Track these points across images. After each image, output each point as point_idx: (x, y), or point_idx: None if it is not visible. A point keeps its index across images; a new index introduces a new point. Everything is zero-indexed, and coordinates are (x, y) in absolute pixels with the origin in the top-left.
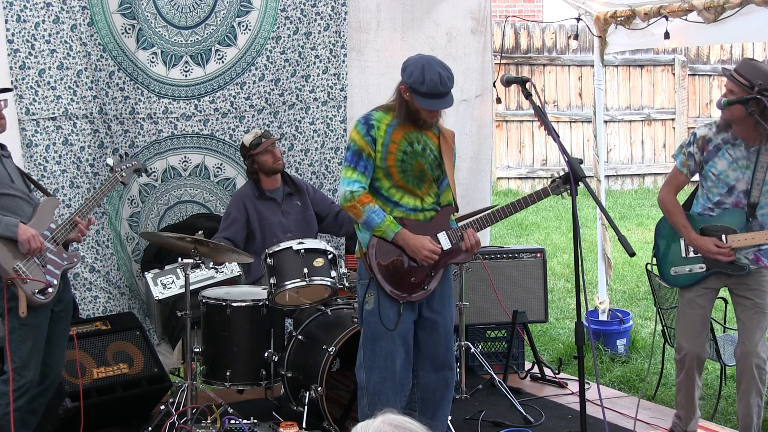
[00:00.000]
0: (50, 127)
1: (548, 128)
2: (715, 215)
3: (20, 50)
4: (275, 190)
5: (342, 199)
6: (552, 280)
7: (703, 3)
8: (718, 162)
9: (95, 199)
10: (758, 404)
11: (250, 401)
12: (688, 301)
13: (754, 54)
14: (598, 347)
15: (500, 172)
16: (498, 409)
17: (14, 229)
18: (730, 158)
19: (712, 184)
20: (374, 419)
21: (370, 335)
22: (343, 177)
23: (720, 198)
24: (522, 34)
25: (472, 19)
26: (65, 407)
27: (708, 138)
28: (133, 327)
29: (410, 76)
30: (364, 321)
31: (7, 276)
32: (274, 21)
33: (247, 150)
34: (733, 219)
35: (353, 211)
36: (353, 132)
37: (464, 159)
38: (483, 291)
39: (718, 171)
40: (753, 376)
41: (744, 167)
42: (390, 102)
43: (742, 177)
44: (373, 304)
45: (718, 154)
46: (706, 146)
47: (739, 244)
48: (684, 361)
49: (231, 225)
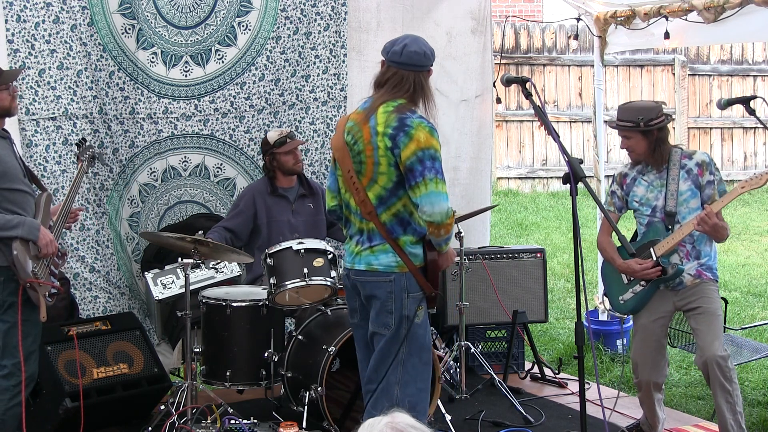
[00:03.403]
0: (50, 127)
1: (548, 128)
2: (643, 234)
3: (20, 50)
4: (289, 189)
5: (444, 215)
6: (552, 280)
7: (703, 3)
8: (637, 190)
9: (72, 194)
10: (727, 400)
11: (250, 401)
12: (640, 327)
13: (754, 54)
14: (598, 347)
15: (500, 172)
16: (498, 409)
17: (37, 233)
18: (646, 183)
19: (639, 212)
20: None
21: (417, 348)
22: (437, 191)
23: (648, 219)
24: (522, 34)
25: (472, 19)
26: (65, 407)
27: (624, 173)
28: (133, 327)
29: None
30: (411, 335)
31: (27, 279)
32: (274, 21)
33: (270, 147)
34: (655, 232)
35: (448, 228)
36: (433, 140)
37: (464, 159)
38: (483, 291)
39: (639, 197)
40: (716, 376)
41: (659, 186)
42: (402, 98)
43: (660, 195)
44: (422, 317)
45: (636, 183)
46: (624, 180)
47: (664, 249)
48: (640, 385)
49: (236, 216)
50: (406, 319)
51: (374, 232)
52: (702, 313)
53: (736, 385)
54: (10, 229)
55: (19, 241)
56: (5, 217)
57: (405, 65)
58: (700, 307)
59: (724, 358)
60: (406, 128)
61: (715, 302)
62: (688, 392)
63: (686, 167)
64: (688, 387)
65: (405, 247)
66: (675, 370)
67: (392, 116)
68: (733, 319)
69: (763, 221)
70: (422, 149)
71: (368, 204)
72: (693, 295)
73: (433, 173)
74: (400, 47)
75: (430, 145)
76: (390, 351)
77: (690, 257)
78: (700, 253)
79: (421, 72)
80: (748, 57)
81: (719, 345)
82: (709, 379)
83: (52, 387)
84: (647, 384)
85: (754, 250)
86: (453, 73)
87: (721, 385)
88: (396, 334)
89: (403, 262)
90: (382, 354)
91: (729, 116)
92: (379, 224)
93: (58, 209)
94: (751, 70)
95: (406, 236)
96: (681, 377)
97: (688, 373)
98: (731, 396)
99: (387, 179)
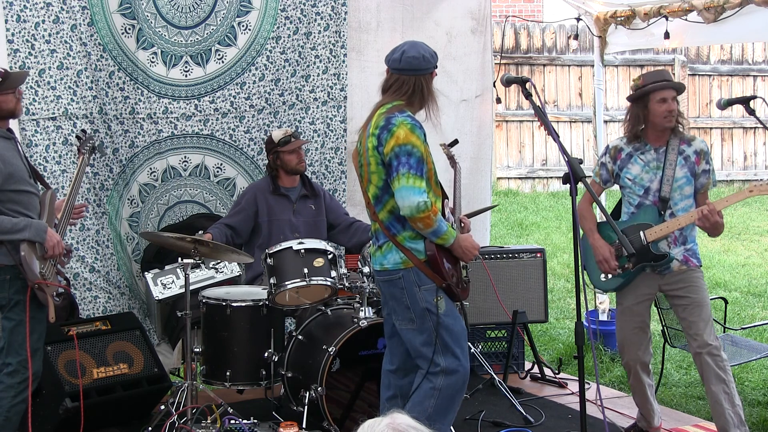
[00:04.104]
0: (50, 127)
1: (548, 128)
2: (633, 215)
3: (20, 50)
4: (291, 188)
5: (414, 209)
6: (552, 280)
7: (703, 3)
8: (631, 167)
9: (75, 185)
10: (724, 390)
11: (250, 401)
12: (625, 309)
13: (754, 54)
14: (598, 347)
15: (500, 172)
16: (498, 409)
17: (44, 235)
18: (642, 162)
19: (629, 190)
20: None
21: (455, 337)
22: (408, 185)
23: (639, 200)
24: (522, 34)
25: (472, 19)
26: (65, 407)
27: (620, 148)
28: (133, 327)
29: (433, 57)
30: (442, 326)
31: (35, 280)
32: (274, 21)
33: (274, 145)
34: (647, 215)
35: (426, 221)
36: (413, 137)
37: (464, 159)
38: (483, 291)
39: (633, 175)
40: (710, 366)
41: (655, 168)
42: (400, 100)
43: (655, 177)
44: (444, 305)
45: (631, 160)
46: (618, 155)
47: (656, 236)
48: (629, 367)
49: (237, 214)
50: (427, 311)
51: (379, 232)
52: (690, 303)
53: (731, 376)
54: (17, 233)
55: (27, 242)
56: (12, 220)
57: (405, 70)
58: (687, 296)
59: (717, 347)
60: (390, 126)
61: (702, 291)
62: (688, 392)
63: (684, 153)
64: (688, 387)
65: (405, 242)
66: (675, 370)
67: (382, 117)
68: (733, 319)
69: (763, 221)
70: (399, 145)
71: (371, 205)
72: (680, 282)
73: (406, 168)
74: (399, 54)
75: (408, 141)
76: (428, 342)
77: (677, 243)
78: (687, 239)
79: (422, 75)
80: (748, 57)
81: (710, 333)
82: (703, 370)
83: (52, 387)
84: (635, 364)
85: (754, 250)
86: (453, 73)
87: (716, 375)
88: (423, 326)
89: (407, 258)
90: (416, 347)
91: (729, 116)
92: (380, 223)
93: (62, 205)
94: (751, 70)
95: (405, 232)
96: (681, 377)
97: (688, 373)
98: (727, 386)
99: (378, 178)
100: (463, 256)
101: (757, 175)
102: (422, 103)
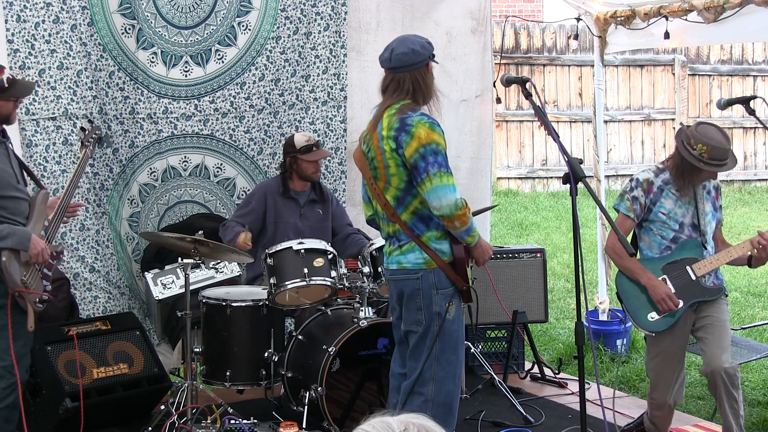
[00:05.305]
0: (50, 127)
1: (548, 128)
2: (674, 250)
3: (20, 50)
4: (301, 192)
5: (453, 207)
6: (552, 280)
7: (703, 3)
8: (665, 201)
9: (74, 181)
10: (732, 406)
11: (250, 401)
12: (665, 351)
13: (754, 54)
14: (598, 347)
15: (500, 172)
16: (498, 409)
17: (27, 243)
18: (674, 196)
19: (663, 224)
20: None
21: (452, 344)
22: (442, 184)
23: (675, 234)
24: (522, 34)
25: (472, 19)
26: (65, 407)
27: (651, 181)
28: (133, 327)
29: (424, 48)
30: (443, 331)
31: (16, 288)
32: (274, 21)
33: (295, 150)
34: (690, 250)
35: (462, 219)
36: (434, 134)
37: (464, 159)
38: (483, 291)
39: (667, 210)
40: (724, 385)
41: (687, 203)
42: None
43: (687, 212)
44: (453, 313)
45: (663, 194)
46: (650, 188)
47: (705, 270)
48: (662, 407)
49: (248, 214)
50: (437, 315)
51: (400, 233)
52: (712, 323)
53: (740, 390)
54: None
55: (9, 250)
56: None
57: (397, 68)
58: (710, 316)
59: (733, 367)
60: (407, 127)
61: (724, 313)
62: (688, 392)
63: (706, 188)
64: (688, 387)
65: (430, 243)
66: None
67: (394, 118)
68: (733, 319)
69: (763, 221)
70: (423, 145)
71: (389, 206)
72: (708, 309)
73: (436, 167)
74: (388, 53)
75: (432, 140)
76: (423, 347)
77: (711, 272)
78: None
79: (416, 69)
80: (748, 57)
81: (728, 357)
82: (715, 388)
83: (52, 387)
84: (670, 408)
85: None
86: (453, 73)
87: (727, 393)
88: (428, 330)
89: (431, 258)
90: (415, 351)
91: (729, 116)
92: (402, 224)
93: (57, 202)
94: (751, 70)
95: (429, 232)
96: None
97: (688, 373)
98: (736, 402)
99: (399, 180)
100: (482, 256)
101: (757, 176)
102: (427, 97)
